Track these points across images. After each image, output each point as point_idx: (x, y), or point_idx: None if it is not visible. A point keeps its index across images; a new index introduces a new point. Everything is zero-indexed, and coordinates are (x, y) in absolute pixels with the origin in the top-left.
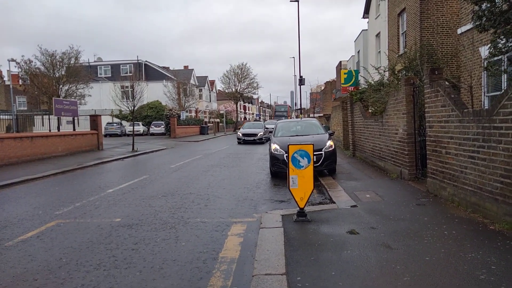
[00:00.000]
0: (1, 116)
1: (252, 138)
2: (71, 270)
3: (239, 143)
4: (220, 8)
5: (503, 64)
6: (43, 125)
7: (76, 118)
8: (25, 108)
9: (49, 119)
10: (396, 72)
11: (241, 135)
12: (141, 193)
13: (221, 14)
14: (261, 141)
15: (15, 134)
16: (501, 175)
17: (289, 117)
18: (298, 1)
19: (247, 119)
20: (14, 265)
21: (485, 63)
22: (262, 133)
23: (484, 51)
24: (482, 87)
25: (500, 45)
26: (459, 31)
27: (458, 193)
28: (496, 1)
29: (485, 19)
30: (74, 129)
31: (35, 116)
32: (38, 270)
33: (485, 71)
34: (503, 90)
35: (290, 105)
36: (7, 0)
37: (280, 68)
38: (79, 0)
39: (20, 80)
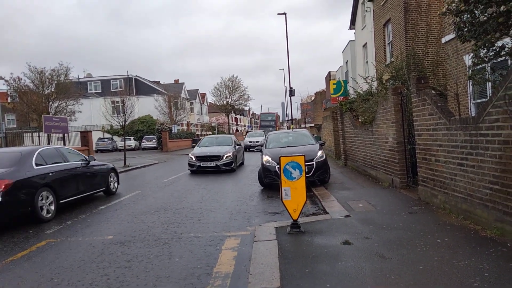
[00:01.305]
0: None
1: (213, 164)
2: None
3: (192, 172)
4: (211, 22)
5: (487, 72)
6: (33, 142)
7: (66, 134)
8: (15, 126)
9: (39, 136)
10: (384, 82)
11: (194, 158)
12: (133, 209)
13: (212, 28)
14: (229, 167)
15: None
16: (490, 182)
17: (277, 128)
18: (285, 14)
19: (239, 131)
20: None
21: (469, 72)
22: (230, 154)
23: (468, 59)
24: (468, 95)
25: (482, 54)
26: (443, 40)
27: (449, 200)
28: (475, 12)
29: (466, 29)
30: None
31: (24, 134)
32: None
33: (470, 80)
34: (488, 98)
35: (279, 114)
36: None
37: (271, 80)
38: (70, 18)
39: (8, 98)
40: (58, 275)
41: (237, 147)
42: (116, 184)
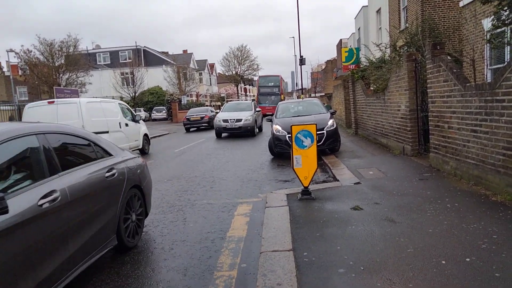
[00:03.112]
0: (3, 107)
1: None
2: None
3: None
4: None
5: (506, 36)
6: None
7: None
8: (27, 98)
9: None
10: (397, 48)
11: None
12: None
13: None
14: None
15: None
16: (503, 147)
17: (282, 96)
18: None
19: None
20: None
21: (488, 36)
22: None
23: (487, 23)
24: (485, 60)
25: (503, 16)
26: (461, 3)
27: (460, 166)
28: None
29: None
30: None
31: None
32: None
33: (487, 44)
34: (506, 63)
35: (284, 79)
36: None
37: (281, 49)
38: None
39: (19, 71)
40: None
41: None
42: None
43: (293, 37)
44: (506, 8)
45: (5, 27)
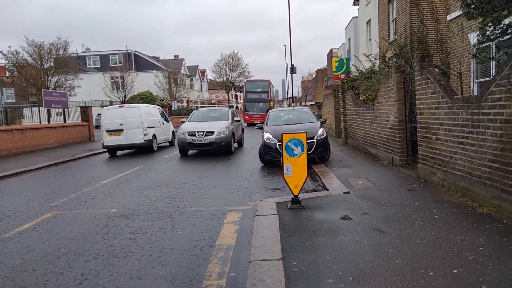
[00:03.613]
0: None
1: None
2: (70, 260)
3: None
4: None
5: (491, 51)
6: (32, 117)
7: (66, 109)
8: (14, 100)
9: (38, 111)
10: (386, 60)
11: None
12: (135, 183)
13: (217, 5)
14: None
15: (5, 127)
16: (489, 160)
17: (271, 103)
18: None
19: (239, 108)
20: (12, 256)
21: (474, 50)
22: None
23: (473, 37)
24: (471, 74)
25: (488, 32)
26: (448, 17)
27: (448, 178)
28: None
29: (473, 6)
30: (64, 121)
31: (24, 108)
32: (37, 261)
33: (474, 58)
34: (491, 77)
35: (273, 85)
36: None
37: (273, 57)
38: None
39: (7, 72)
40: (65, 245)
41: None
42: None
43: (285, 45)
44: (490, 24)
45: None
